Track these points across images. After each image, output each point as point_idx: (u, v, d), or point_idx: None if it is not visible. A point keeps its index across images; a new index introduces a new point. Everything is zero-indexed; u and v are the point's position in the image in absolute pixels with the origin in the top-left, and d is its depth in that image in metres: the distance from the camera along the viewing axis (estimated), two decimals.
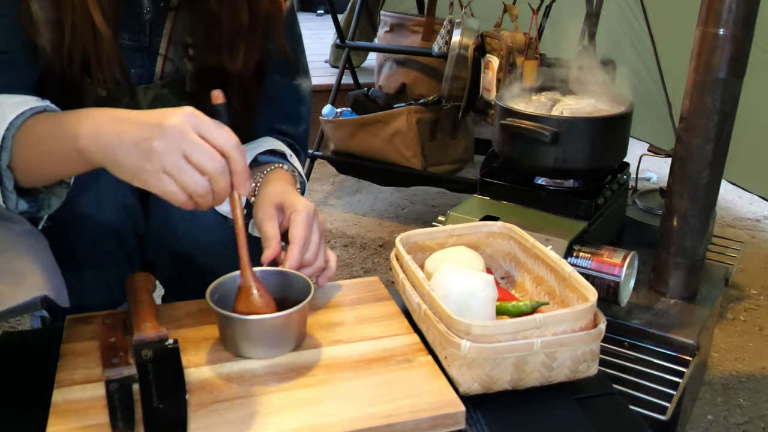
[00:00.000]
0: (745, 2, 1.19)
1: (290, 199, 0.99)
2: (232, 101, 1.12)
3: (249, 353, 0.87)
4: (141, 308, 0.91)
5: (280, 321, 0.86)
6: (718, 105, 1.24)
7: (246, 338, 0.87)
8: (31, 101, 0.89)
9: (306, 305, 0.88)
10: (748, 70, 1.24)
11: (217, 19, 1.05)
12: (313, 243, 0.97)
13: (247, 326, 0.86)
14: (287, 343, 0.89)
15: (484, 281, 0.91)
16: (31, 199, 0.92)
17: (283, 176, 1.08)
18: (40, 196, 0.93)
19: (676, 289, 1.37)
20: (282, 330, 0.88)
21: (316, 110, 2.68)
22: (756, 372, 1.78)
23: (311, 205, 0.99)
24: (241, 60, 1.08)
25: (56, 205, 0.96)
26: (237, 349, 0.87)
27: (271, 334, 0.87)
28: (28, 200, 0.91)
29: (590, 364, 0.86)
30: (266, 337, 0.87)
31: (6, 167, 0.86)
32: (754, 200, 2.92)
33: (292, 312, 0.86)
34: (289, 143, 1.21)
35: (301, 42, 1.23)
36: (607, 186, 1.49)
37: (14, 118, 0.85)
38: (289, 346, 0.89)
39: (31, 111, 0.87)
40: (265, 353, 0.87)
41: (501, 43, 1.92)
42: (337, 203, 2.88)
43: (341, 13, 3.19)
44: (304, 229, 0.96)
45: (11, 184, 0.88)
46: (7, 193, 0.88)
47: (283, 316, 0.86)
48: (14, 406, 0.83)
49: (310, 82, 1.26)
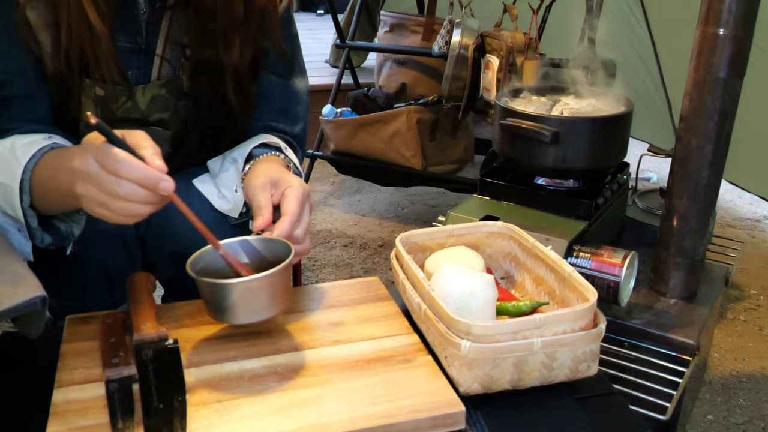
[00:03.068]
0: (745, 2, 1.19)
1: (285, 176, 0.99)
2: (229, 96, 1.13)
3: (236, 319, 0.86)
4: (141, 308, 0.91)
5: (264, 282, 0.85)
6: (718, 105, 1.24)
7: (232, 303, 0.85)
8: (39, 141, 0.96)
9: (288, 265, 0.86)
10: (748, 70, 1.24)
11: (212, 13, 1.06)
12: (304, 221, 0.97)
13: (231, 289, 0.85)
14: (272, 306, 0.87)
15: (484, 281, 0.91)
16: (54, 233, 1.00)
17: (277, 160, 1.08)
18: (62, 228, 1.01)
19: (676, 289, 1.37)
20: (266, 292, 0.86)
21: (316, 110, 2.68)
22: (756, 372, 1.78)
23: (306, 186, 0.99)
24: (237, 53, 1.09)
25: (78, 232, 1.02)
26: (224, 317, 0.87)
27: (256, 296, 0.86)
28: (51, 234, 0.99)
29: (590, 364, 0.86)
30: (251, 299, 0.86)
31: (29, 207, 0.94)
32: (754, 200, 2.92)
33: (273, 272, 0.84)
34: (286, 140, 1.21)
35: (297, 42, 1.23)
36: (607, 186, 1.49)
37: (27, 161, 0.93)
38: (274, 308, 0.88)
39: (41, 152, 0.94)
40: (252, 317, 0.86)
41: (501, 43, 1.92)
42: (337, 203, 2.88)
43: (341, 13, 3.19)
44: (298, 204, 0.96)
45: (35, 221, 0.96)
46: (33, 230, 0.96)
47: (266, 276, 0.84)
48: (14, 406, 0.83)
49: (307, 82, 1.26)
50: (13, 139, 0.98)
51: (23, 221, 0.96)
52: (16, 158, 0.95)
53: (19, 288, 0.78)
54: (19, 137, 0.99)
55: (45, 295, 0.79)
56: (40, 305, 0.78)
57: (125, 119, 1.12)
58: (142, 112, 1.12)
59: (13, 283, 0.80)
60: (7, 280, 0.80)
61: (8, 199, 0.96)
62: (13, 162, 0.95)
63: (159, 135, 1.16)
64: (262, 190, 0.97)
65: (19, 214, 0.95)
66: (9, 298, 0.76)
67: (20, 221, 0.96)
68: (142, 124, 1.14)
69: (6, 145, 0.98)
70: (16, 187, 0.93)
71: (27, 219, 0.96)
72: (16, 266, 0.85)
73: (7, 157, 0.96)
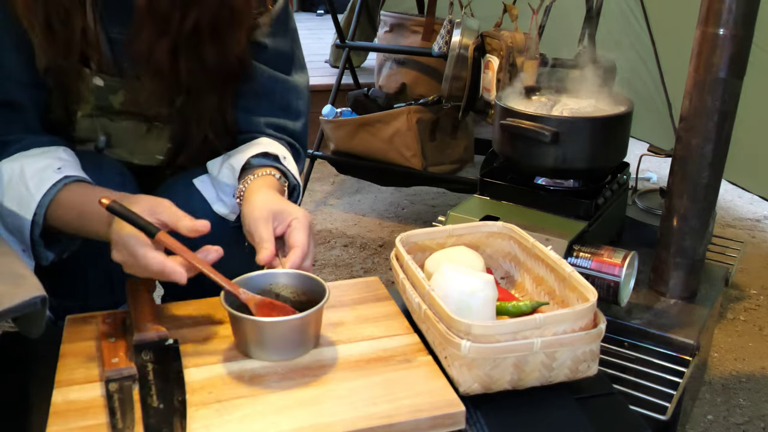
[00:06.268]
0: (745, 2, 1.19)
1: (288, 208, 0.99)
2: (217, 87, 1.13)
3: (264, 356, 0.86)
4: (141, 308, 0.91)
5: (296, 323, 0.86)
6: (718, 105, 1.24)
7: (262, 341, 0.86)
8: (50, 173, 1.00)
9: (322, 307, 0.87)
10: (748, 70, 1.24)
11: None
12: (311, 252, 0.98)
13: (262, 328, 0.85)
14: (303, 346, 0.88)
15: (484, 281, 0.91)
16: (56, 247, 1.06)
17: (272, 184, 1.07)
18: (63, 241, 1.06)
19: (676, 289, 1.37)
20: (298, 332, 0.87)
21: (316, 110, 2.68)
22: (756, 372, 1.78)
23: (309, 215, 1.00)
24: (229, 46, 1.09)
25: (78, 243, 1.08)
26: (253, 353, 0.87)
27: (288, 336, 0.87)
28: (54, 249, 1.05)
29: (590, 364, 0.86)
30: (283, 339, 0.86)
31: (38, 237, 1.01)
32: (754, 200, 2.92)
33: (308, 314, 0.85)
34: (289, 143, 1.21)
35: (296, 36, 1.23)
36: (607, 186, 1.49)
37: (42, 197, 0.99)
38: (305, 348, 0.88)
39: (55, 189, 0.99)
40: (281, 356, 0.87)
41: (501, 43, 1.92)
42: (337, 203, 2.88)
43: (341, 13, 3.19)
44: (306, 236, 0.97)
45: (42, 246, 1.02)
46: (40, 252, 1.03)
47: (299, 318, 0.85)
48: (14, 406, 0.83)
49: (308, 77, 1.26)
50: (22, 164, 1.01)
51: (29, 245, 1.02)
52: (27, 189, 0.99)
53: (19, 288, 0.79)
54: (27, 160, 1.02)
55: (45, 295, 0.79)
56: (41, 305, 0.78)
57: (124, 112, 1.12)
58: (140, 106, 1.13)
59: (14, 283, 0.80)
60: (8, 280, 0.80)
61: (18, 226, 1.00)
62: (24, 193, 0.99)
63: (158, 130, 1.16)
64: (265, 223, 0.97)
65: (27, 240, 1.00)
66: (9, 298, 0.76)
67: (26, 245, 1.02)
68: (141, 117, 1.14)
69: (15, 170, 1.01)
70: (29, 219, 0.99)
71: (35, 245, 1.02)
72: (16, 266, 0.85)
73: (18, 186, 1.00)
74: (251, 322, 0.85)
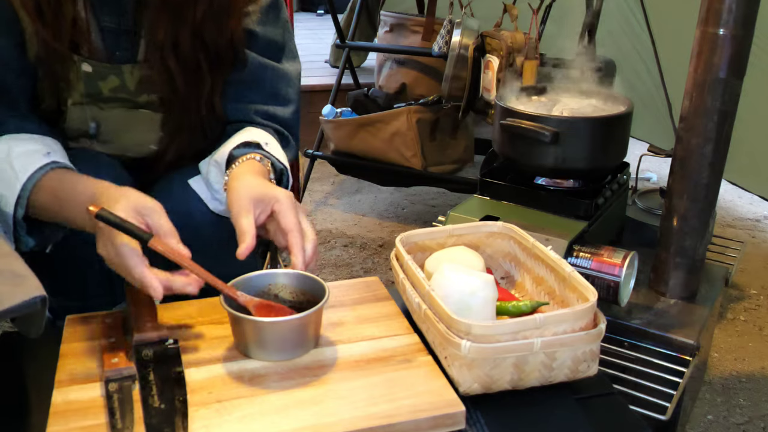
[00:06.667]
0: (745, 2, 1.19)
1: (268, 191, 0.98)
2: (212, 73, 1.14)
3: (264, 357, 0.86)
4: (141, 308, 0.91)
5: (296, 323, 0.86)
6: (718, 105, 1.24)
7: (262, 341, 0.86)
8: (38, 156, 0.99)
9: (322, 307, 0.87)
10: (748, 70, 1.24)
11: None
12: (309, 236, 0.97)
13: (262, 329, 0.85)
14: (303, 346, 0.88)
15: (484, 281, 0.91)
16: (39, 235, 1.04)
17: (254, 167, 1.06)
18: (46, 232, 1.05)
19: (676, 289, 1.37)
20: (298, 332, 0.87)
21: (316, 110, 2.68)
22: (756, 372, 1.78)
23: (290, 193, 0.99)
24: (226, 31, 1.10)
25: (62, 235, 1.07)
26: (253, 353, 0.87)
27: (288, 337, 0.87)
28: (35, 237, 1.03)
29: (590, 364, 0.86)
30: (283, 339, 0.86)
31: (21, 219, 0.99)
32: (754, 200, 2.92)
33: (308, 314, 0.85)
34: (277, 130, 1.20)
35: (288, 27, 1.23)
36: (607, 186, 1.49)
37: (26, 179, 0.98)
38: (305, 348, 0.88)
39: (41, 172, 0.98)
40: (281, 356, 0.87)
41: (501, 43, 1.92)
42: (337, 203, 2.88)
43: (341, 13, 3.19)
44: (294, 216, 0.96)
45: (24, 230, 1.01)
46: (21, 237, 1.02)
47: (299, 318, 0.85)
48: (14, 406, 0.83)
49: (299, 66, 1.26)
50: (9, 145, 1.01)
51: (11, 227, 1.00)
52: (13, 169, 0.98)
53: (19, 288, 0.78)
54: (14, 142, 1.01)
55: (45, 295, 0.79)
56: (40, 305, 0.78)
57: (113, 98, 1.12)
58: (130, 93, 1.13)
59: (13, 283, 0.80)
60: (7, 280, 0.80)
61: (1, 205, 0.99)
62: (10, 173, 0.99)
63: (148, 118, 1.16)
64: (246, 214, 0.96)
65: (9, 221, 0.99)
66: (9, 298, 0.76)
67: (8, 226, 1.00)
68: (131, 104, 1.14)
69: (2, 150, 1.00)
70: (12, 201, 0.98)
71: (17, 228, 1.00)
72: (16, 266, 0.85)
73: (4, 167, 0.99)
74: (251, 323, 0.85)
